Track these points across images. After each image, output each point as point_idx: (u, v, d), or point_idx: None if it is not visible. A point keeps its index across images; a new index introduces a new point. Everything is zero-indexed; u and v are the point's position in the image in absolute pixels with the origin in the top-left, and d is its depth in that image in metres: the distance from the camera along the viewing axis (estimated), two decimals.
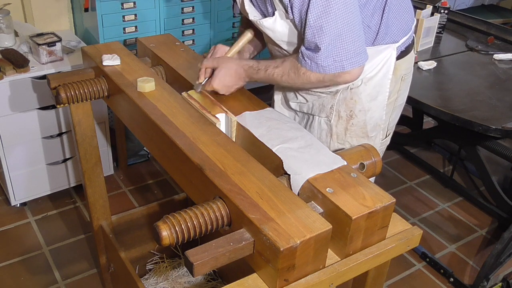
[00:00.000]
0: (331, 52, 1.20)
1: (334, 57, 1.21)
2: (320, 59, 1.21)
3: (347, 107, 1.42)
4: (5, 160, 2.24)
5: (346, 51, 1.21)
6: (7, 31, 2.27)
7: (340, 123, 1.45)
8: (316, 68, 1.23)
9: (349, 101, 1.41)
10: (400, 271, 2.26)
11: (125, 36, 2.43)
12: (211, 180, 1.00)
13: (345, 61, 1.22)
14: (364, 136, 1.47)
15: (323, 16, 1.16)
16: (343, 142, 1.47)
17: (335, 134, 1.46)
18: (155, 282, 1.98)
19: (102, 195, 1.71)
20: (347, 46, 1.21)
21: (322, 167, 1.04)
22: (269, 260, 0.88)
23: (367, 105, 1.42)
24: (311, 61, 1.23)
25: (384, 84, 1.41)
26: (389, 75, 1.40)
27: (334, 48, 1.20)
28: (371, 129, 1.46)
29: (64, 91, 1.37)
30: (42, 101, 2.22)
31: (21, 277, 2.09)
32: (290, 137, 1.15)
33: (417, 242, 1.05)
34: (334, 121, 1.45)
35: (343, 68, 1.23)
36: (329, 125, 1.46)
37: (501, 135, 1.87)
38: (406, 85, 1.52)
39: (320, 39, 1.19)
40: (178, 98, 1.30)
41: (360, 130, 1.45)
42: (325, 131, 1.47)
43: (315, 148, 1.12)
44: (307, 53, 1.23)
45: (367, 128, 1.45)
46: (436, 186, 2.83)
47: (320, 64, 1.22)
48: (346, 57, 1.22)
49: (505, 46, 2.57)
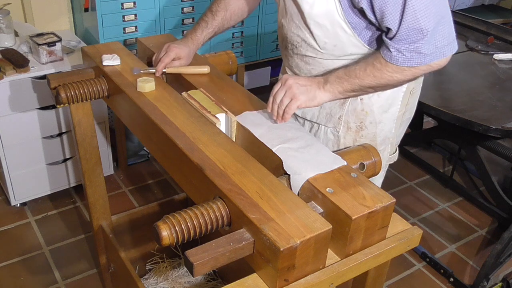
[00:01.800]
0: (433, 36, 1.09)
1: (436, 43, 1.10)
2: (422, 47, 1.09)
3: (357, 118, 1.37)
4: (5, 160, 2.24)
5: (448, 35, 1.11)
6: (7, 31, 2.27)
7: (348, 135, 1.39)
8: (417, 59, 1.11)
9: (359, 112, 1.35)
10: (400, 271, 2.26)
11: (125, 36, 2.43)
12: (211, 180, 1.00)
13: (447, 46, 1.11)
14: None
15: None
16: None
17: (343, 145, 1.40)
18: (155, 282, 1.98)
19: (102, 195, 1.71)
20: (448, 30, 1.11)
21: (322, 167, 1.04)
22: (269, 260, 0.88)
23: (379, 117, 1.36)
24: (411, 52, 1.10)
25: (397, 96, 1.35)
26: (403, 88, 1.34)
27: (436, 32, 1.09)
28: (381, 142, 1.41)
29: (64, 91, 1.37)
30: (42, 101, 2.22)
31: (21, 277, 2.09)
32: (290, 137, 1.15)
33: (417, 242, 1.05)
34: (343, 132, 1.39)
35: (445, 55, 1.12)
36: (336, 136, 1.40)
37: (501, 135, 1.87)
38: (414, 99, 1.46)
39: (425, 21, 1.06)
40: (178, 98, 1.30)
41: (370, 143, 1.37)
42: (332, 141, 1.42)
43: (315, 148, 1.12)
44: (405, 46, 1.10)
45: (377, 141, 1.40)
46: (436, 186, 2.83)
47: (423, 53, 1.10)
48: (448, 42, 1.11)
49: (505, 46, 2.57)
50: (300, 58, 1.37)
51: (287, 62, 1.44)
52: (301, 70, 1.40)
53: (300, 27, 1.29)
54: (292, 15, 1.29)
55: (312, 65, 1.35)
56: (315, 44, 1.29)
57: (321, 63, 1.32)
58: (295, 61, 1.39)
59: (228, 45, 2.77)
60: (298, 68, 1.40)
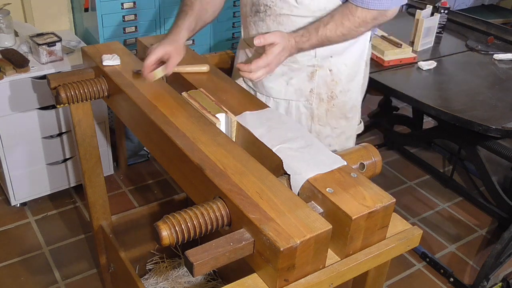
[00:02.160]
0: None
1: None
2: None
3: (328, 88, 1.45)
4: (5, 160, 2.24)
5: None
6: (7, 31, 2.27)
7: (321, 106, 1.47)
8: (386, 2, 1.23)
9: (330, 82, 1.44)
10: (400, 271, 2.26)
11: (125, 36, 2.43)
12: (211, 180, 1.00)
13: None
14: (343, 117, 1.50)
15: None
16: (324, 124, 1.50)
17: (317, 116, 1.48)
18: (155, 282, 1.98)
19: (102, 195, 1.71)
20: None
21: (322, 167, 1.04)
22: (269, 260, 0.88)
23: (347, 86, 1.46)
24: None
25: (360, 64, 1.46)
26: (364, 56, 1.45)
27: None
28: (349, 110, 1.51)
29: (64, 91, 1.37)
30: (42, 101, 2.22)
31: (21, 277, 2.09)
32: (290, 137, 1.15)
33: (417, 242, 1.05)
34: (315, 104, 1.47)
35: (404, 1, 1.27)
36: (309, 109, 1.48)
37: (501, 135, 1.87)
38: (367, 70, 1.56)
39: None
40: (178, 98, 1.30)
41: (339, 111, 1.49)
42: (305, 114, 1.49)
43: (315, 148, 1.12)
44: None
45: (346, 109, 1.49)
46: (436, 186, 2.83)
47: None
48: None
49: (505, 46, 2.57)
50: (273, 19, 1.40)
51: (256, 28, 1.46)
52: None
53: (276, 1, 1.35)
54: None
55: (285, 25, 1.39)
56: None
57: (295, 21, 1.37)
58: (266, 24, 1.42)
59: (228, 45, 2.78)
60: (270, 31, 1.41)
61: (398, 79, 2.21)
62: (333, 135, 1.52)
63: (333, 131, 1.51)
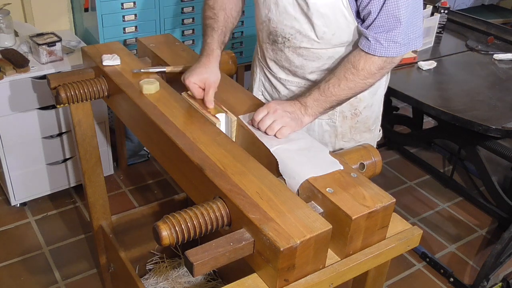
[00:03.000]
0: (408, 27, 1.14)
1: (409, 34, 1.16)
2: (398, 36, 1.14)
3: (351, 106, 1.41)
4: (5, 160, 2.24)
5: (418, 28, 1.17)
6: (7, 31, 2.27)
7: (345, 123, 1.43)
8: (394, 48, 1.16)
9: (353, 100, 1.37)
10: (400, 271, 2.26)
11: (125, 36, 2.43)
12: (211, 180, 1.00)
13: (416, 39, 1.18)
14: (367, 130, 1.48)
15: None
16: (348, 140, 1.47)
17: (340, 134, 1.44)
18: (155, 282, 1.98)
19: (102, 195, 1.71)
20: (420, 23, 1.17)
21: (317, 171, 1.04)
22: (269, 260, 0.88)
23: (370, 101, 1.42)
24: (387, 42, 1.15)
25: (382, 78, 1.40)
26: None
27: (411, 24, 1.15)
28: (373, 123, 1.48)
29: (64, 91, 1.37)
30: (42, 101, 2.22)
31: (21, 277, 2.09)
32: (291, 138, 1.15)
33: (417, 242, 1.05)
34: (339, 122, 1.43)
35: (415, 47, 1.20)
36: (333, 127, 1.44)
37: (501, 135, 1.87)
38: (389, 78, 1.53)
39: (403, 11, 1.12)
40: (178, 98, 1.30)
41: (363, 126, 1.46)
42: (328, 132, 1.45)
43: (314, 151, 1.11)
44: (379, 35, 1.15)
45: (370, 123, 1.47)
46: (436, 186, 2.83)
47: (399, 42, 1.15)
48: (418, 35, 1.18)
49: (505, 46, 2.57)
50: (293, 51, 1.36)
51: (275, 56, 1.43)
52: (291, 64, 1.40)
53: (296, 19, 1.29)
54: (286, 6, 1.28)
55: (305, 57, 1.36)
56: (312, 34, 1.29)
57: (316, 53, 1.34)
58: (285, 54, 1.39)
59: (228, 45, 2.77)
60: (289, 61, 1.40)
61: (398, 79, 2.21)
62: None
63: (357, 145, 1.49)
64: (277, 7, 1.30)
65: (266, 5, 1.34)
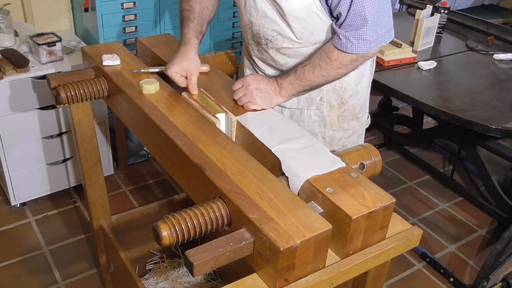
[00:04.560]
0: (376, 24, 1.20)
1: (377, 31, 1.21)
2: (367, 34, 1.20)
3: (337, 95, 1.46)
4: (5, 160, 2.24)
5: (387, 24, 1.22)
6: (7, 31, 2.27)
7: (332, 112, 1.48)
8: (363, 45, 1.21)
9: (339, 89, 1.45)
10: (400, 271, 2.26)
11: (125, 36, 2.43)
12: (211, 180, 1.00)
13: (386, 34, 1.23)
14: (354, 118, 1.51)
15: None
16: (337, 128, 1.51)
17: (329, 123, 1.50)
18: (155, 282, 1.98)
19: (102, 195, 1.71)
20: (388, 19, 1.22)
21: (320, 168, 1.04)
22: (269, 260, 0.88)
23: (355, 89, 1.47)
24: (357, 40, 1.21)
25: (366, 66, 1.47)
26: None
27: (378, 21, 1.20)
28: (359, 110, 1.52)
29: (64, 91, 1.37)
30: (42, 101, 2.22)
31: (21, 277, 2.09)
32: (291, 137, 1.15)
33: (417, 242, 1.05)
34: (327, 111, 1.48)
35: (385, 41, 1.24)
36: (321, 116, 1.49)
37: (501, 135, 1.87)
38: (374, 65, 1.58)
39: (369, 10, 1.17)
40: (178, 98, 1.30)
41: (350, 114, 1.50)
42: (317, 122, 1.50)
43: (314, 149, 1.12)
44: (352, 34, 1.20)
45: (356, 110, 1.51)
46: (436, 186, 2.83)
47: (368, 39, 1.21)
48: (386, 29, 1.23)
49: (505, 46, 2.57)
50: (276, 50, 1.42)
51: (260, 56, 1.49)
52: (276, 62, 1.46)
53: (275, 22, 1.35)
54: (265, 11, 1.34)
55: (288, 55, 1.42)
56: (292, 35, 1.35)
57: (298, 51, 1.40)
58: (269, 54, 1.45)
59: (228, 45, 2.78)
60: (274, 60, 1.46)
61: (398, 79, 2.21)
62: (346, 136, 1.54)
63: (345, 132, 1.53)
64: (257, 12, 1.36)
65: (247, 10, 1.39)
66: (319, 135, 1.51)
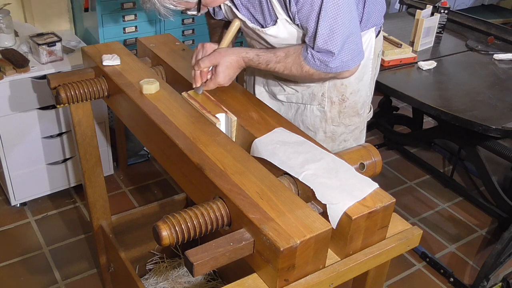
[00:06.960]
0: (341, 54, 1.24)
1: (342, 58, 1.24)
2: (331, 63, 1.24)
3: (338, 92, 1.47)
4: (5, 160, 2.24)
5: (352, 51, 1.25)
6: (7, 31, 2.27)
7: (333, 108, 1.49)
8: (324, 68, 1.26)
9: (339, 86, 1.46)
10: (400, 271, 2.26)
11: (125, 36, 2.43)
12: (211, 180, 1.00)
13: (350, 60, 1.26)
14: (355, 114, 1.52)
15: (335, 20, 1.19)
16: (338, 124, 1.52)
17: (330, 118, 1.51)
18: (155, 282, 1.98)
19: (102, 195, 1.71)
20: (353, 46, 1.25)
21: (357, 194, 0.98)
22: (269, 260, 0.88)
23: (356, 86, 1.48)
24: (321, 62, 1.25)
25: (367, 64, 1.47)
26: (371, 56, 1.47)
27: (344, 50, 1.23)
28: (361, 107, 1.53)
29: (64, 91, 1.37)
30: (42, 101, 2.22)
31: (21, 277, 2.09)
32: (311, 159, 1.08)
33: (417, 242, 1.05)
34: (328, 107, 1.49)
35: (349, 67, 1.27)
36: (322, 112, 1.50)
37: (501, 135, 1.87)
38: (379, 59, 1.60)
39: (333, 44, 1.21)
40: (178, 98, 1.30)
41: (352, 110, 1.51)
42: (319, 117, 1.52)
43: (341, 171, 1.05)
44: (318, 55, 1.24)
45: (358, 107, 1.52)
46: (436, 186, 2.83)
47: (330, 66, 1.25)
48: (352, 57, 1.26)
49: (505, 46, 2.57)
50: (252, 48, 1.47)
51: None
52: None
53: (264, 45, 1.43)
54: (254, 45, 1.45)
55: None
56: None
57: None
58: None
59: None
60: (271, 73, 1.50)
61: (398, 79, 2.21)
62: (347, 131, 1.55)
63: (347, 128, 1.54)
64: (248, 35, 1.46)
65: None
66: (321, 130, 1.52)
